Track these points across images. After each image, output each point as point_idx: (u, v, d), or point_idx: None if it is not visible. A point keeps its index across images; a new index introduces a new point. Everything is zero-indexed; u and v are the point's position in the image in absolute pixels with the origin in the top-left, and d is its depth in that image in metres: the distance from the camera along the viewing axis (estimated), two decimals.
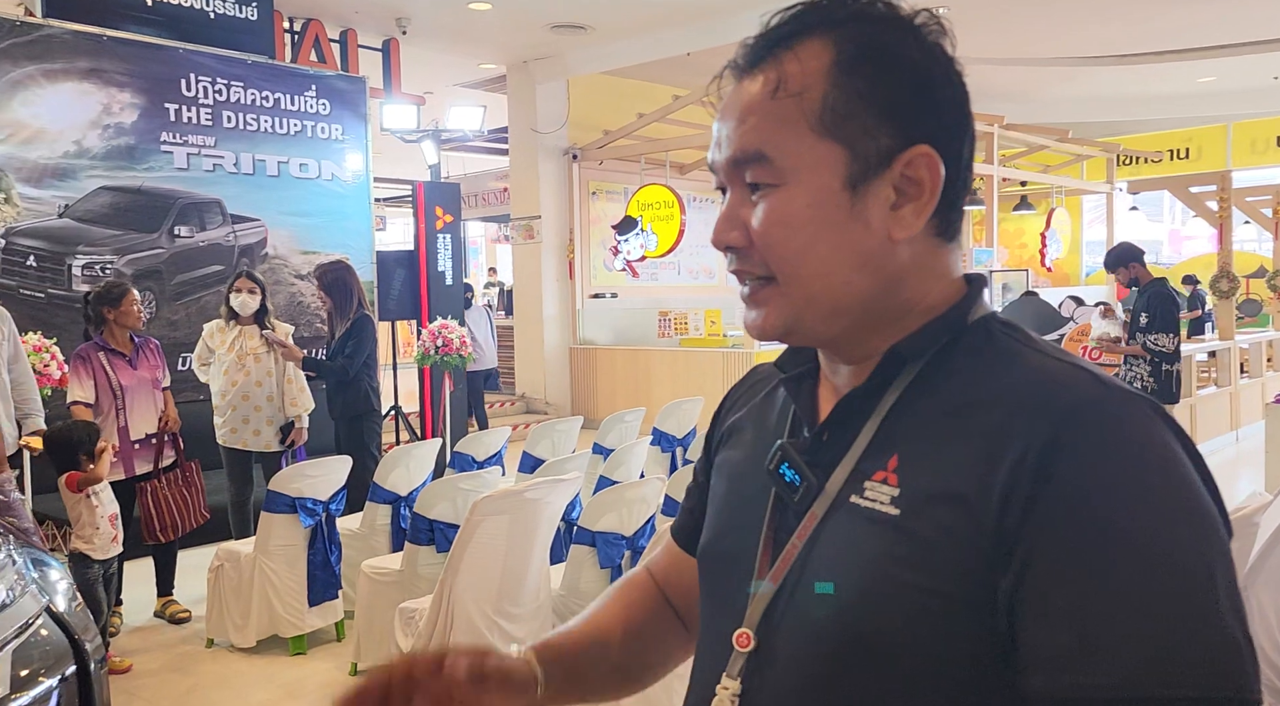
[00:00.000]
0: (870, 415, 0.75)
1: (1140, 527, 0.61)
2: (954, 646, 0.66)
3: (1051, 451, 0.63)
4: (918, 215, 0.74)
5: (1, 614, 1.53)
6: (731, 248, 0.76)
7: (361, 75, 7.62)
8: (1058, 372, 0.69)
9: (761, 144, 0.73)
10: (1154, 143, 13.81)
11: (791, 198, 0.73)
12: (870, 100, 0.72)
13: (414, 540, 3.51)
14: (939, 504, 0.67)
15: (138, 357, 4.29)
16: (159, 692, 3.56)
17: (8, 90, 5.66)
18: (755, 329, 0.78)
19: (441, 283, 7.41)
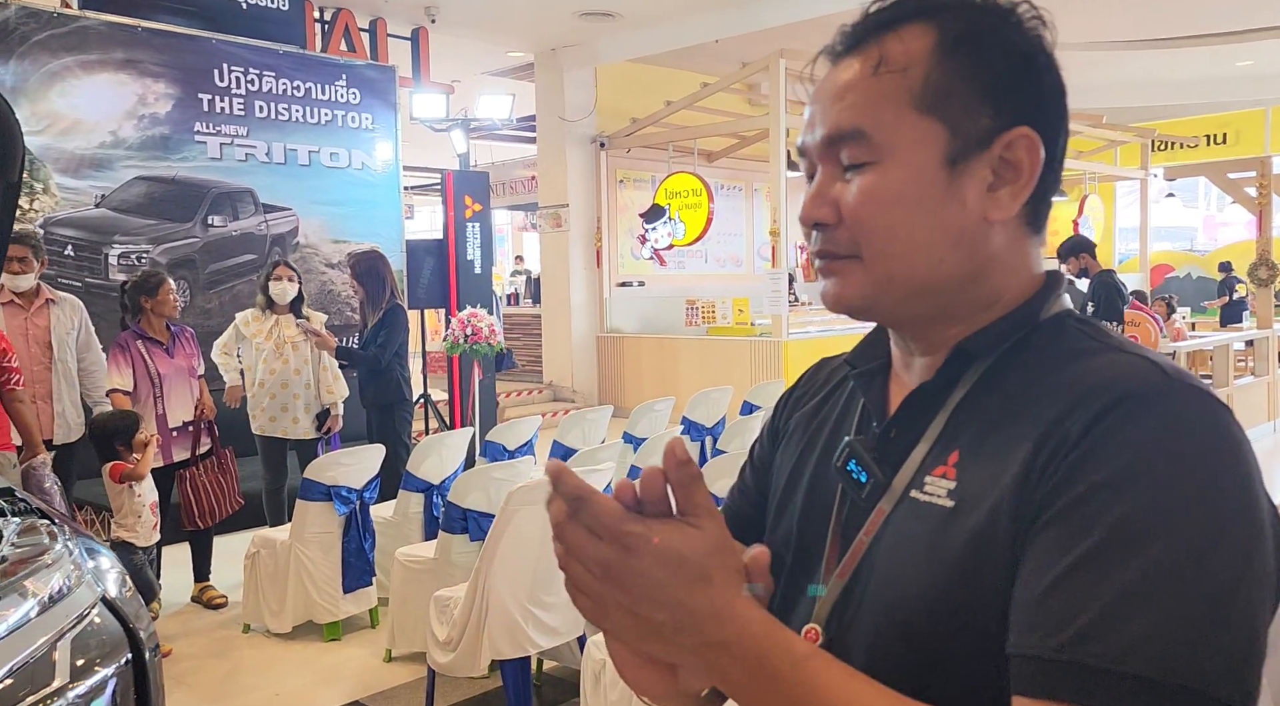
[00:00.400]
0: (938, 411, 0.75)
1: (1166, 511, 0.60)
2: (999, 634, 0.65)
3: (1091, 425, 0.64)
4: (1014, 198, 0.74)
5: (59, 604, 1.55)
6: (820, 224, 0.76)
7: (391, 64, 7.64)
8: (1123, 364, 0.68)
9: (859, 121, 0.73)
10: (1190, 128, 13.54)
11: (888, 174, 0.73)
12: (973, 79, 0.72)
13: (448, 529, 3.53)
14: (991, 493, 0.68)
15: (174, 346, 4.34)
16: (197, 677, 3.62)
17: (45, 81, 5.73)
18: (831, 299, 0.77)
19: (470, 271, 7.43)
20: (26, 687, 1.40)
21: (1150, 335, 6.87)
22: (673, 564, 0.61)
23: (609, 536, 0.61)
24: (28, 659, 1.43)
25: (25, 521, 1.89)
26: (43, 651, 1.46)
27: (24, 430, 3.64)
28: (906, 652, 0.69)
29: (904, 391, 0.80)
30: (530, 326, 11.40)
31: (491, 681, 3.36)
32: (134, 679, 1.58)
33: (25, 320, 4.20)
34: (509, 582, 2.97)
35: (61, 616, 1.54)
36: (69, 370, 4.27)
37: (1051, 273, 0.79)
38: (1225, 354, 7.76)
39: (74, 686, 1.45)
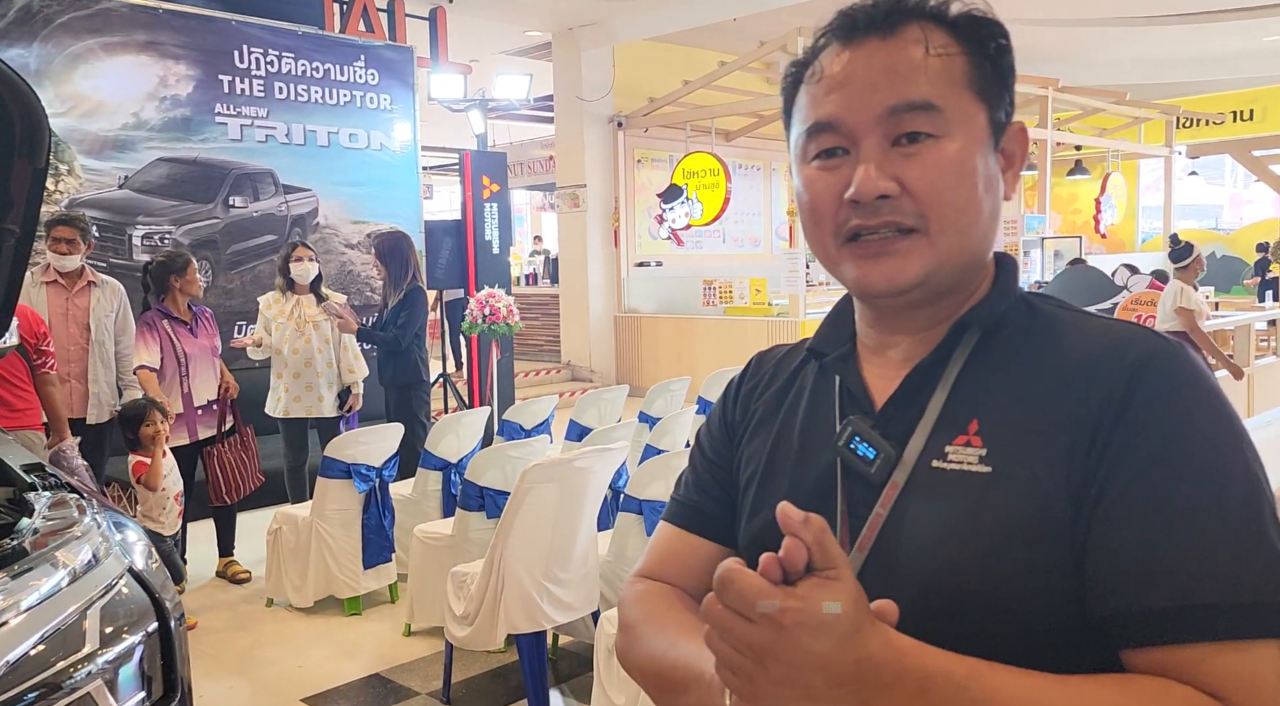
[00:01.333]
0: (936, 386, 0.79)
1: (1199, 456, 0.69)
2: (1049, 594, 0.70)
3: (1127, 393, 0.71)
4: (1013, 182, 0.82)
5: (88, 574, 1.61)
6: (884, 196, 0.75)
7: (409, 45, 7.65)
8: (1118, 330, 0.76)
9: (930, 95, 0.76)
10: (1216, 104, 13.33)
11: (961, 148, 0.76)
12: (997, 74, 0.79)
13: (465, 506, 3.59)
14: (1033, 458, 0.72)
15: (197, 326, 4.41)
16: (222, 648, 3.71)
17: (69, 63, 5.79)
18: (885, 280, 0.77)
19: (488, 251, 7.47)
20: (58, 653, 1.46)
21: None
22: (823, 628, 0.60)
23: (756, 614, 0.60)
24: (59, 626, 1.49)
25: (55, 496, 1.96)
26: (73, 619, 1.52)
27: (52, 414, 3.72)
28: (959, 614, 0.71)
29: (883, 371, 0.83)
30: (548, 306, 11.45)
31: (508, 655, 3.43)
32: (160, 646, 1.64)
33: (67, 300, 4.27)
34: (524, 559, 3.03)
35: (91, 586, 1.60)
36: (105, 352, 4.34)
37: (1001, 254, 0.85)
38: (1247, 334, 7.69)
39: (103, 652, 1.51)
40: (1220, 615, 0.65)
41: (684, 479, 0.98)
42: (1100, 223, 12.16)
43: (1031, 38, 10.91)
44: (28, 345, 3.62)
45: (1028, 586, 0.70)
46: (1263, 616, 0.65)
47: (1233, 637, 0.65)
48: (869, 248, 0.77)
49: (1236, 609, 0.65)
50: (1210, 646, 0.65)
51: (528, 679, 3.08)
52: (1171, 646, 0.66)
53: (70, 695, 1.44)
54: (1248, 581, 0.65)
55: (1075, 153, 12.88)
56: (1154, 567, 0.67)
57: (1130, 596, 0.67)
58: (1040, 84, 10.36)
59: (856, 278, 0.79)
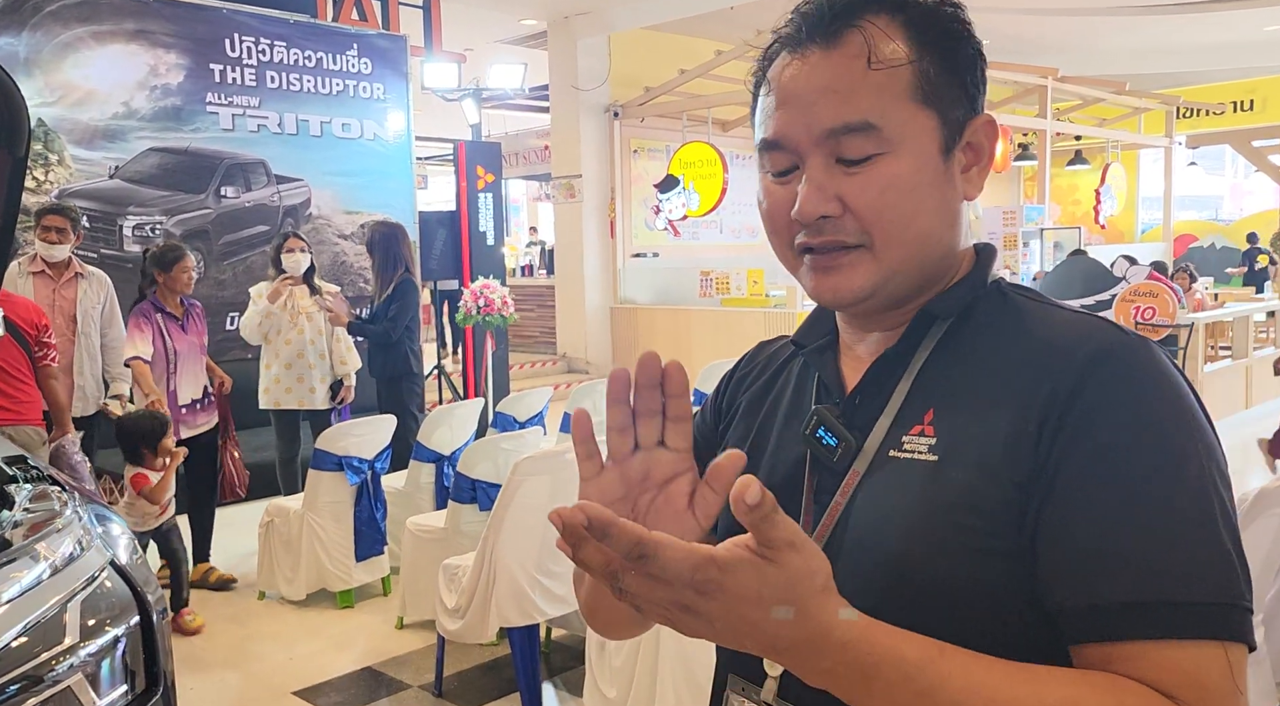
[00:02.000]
0: (902, 376, 0.80)
1: (1152, 451, 0.68)
2: (997, 581, 0.70)
3: (1079, 387, 0.70)
4: (980, 176, 0.81)
5: (69, 567, 1.60)
6: (825, 216, 0.76)
7: (402, 34, 7.60)
8: (1080, 323, 0.75)
9: (867, 114, 0.75)
10: (1216, 94, 13.29)
11: (901, 164, 0.76)
12: (951, 71, 0.78)
13: (457, 498, 3.57)
14: (977, 447, 0.72)
15: (187, 322, 4.32)
16: (214, 642, 3.69)
17: (58, 52, 5.74)
18: (832, 293, 0.79)
19: (483, 242, 7.44)
20: (39, 645, 1.44)
21: (1168, 306, 6.80)
22: (751, 602, 0.59)
23: (682, 584, 0.58)
24: (40, 618, 1.47)
25: (37, 488, 1.93)
26: (54, 611, 1.50)
27: (55, 407, 3.68)
28: (910, 601, 0.71)
29: (857, 363, 0.84)
30: (544, 298, 11.42)
31: (500, 649, 3.41)
32: (142, 640, 1.62)
33: (53, 291, 4.23)
34: (516, 551, 3.01)
35: (72, 578, 1.58)
36: (91, 344, 4.30)
37: (982, 245, 0.85)
38: (1245, 325, 7.68)
39: (84, 645, 1.49)
40: (1170, 613, 0.64)
41: None
42: (1100, 213, 12.13)
43: (1031, 27, 10.86)
44: (29, 337, 3.58)
45: (975, 573, 0.70)
46: (1211, 616, 0.65)
47: (1181, 636, 0.64)
48: (819, 262, 0.79)
49: (1186, 608, 0.64)
50: (1158, 644, 0.65)
51: (520, 671, 3.06)
52: (1119, 642, 0.65)
53: (51, 687, 1.43)
54: (1198, 580, 0.65)
55: (1075, 143, 12.84)
56: (1103, 562, 0.66)
57: (1079, 590, 0.67)
58: (1040, 74, 10.32)
59: (810, 289, 0.81)
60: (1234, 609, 0.65)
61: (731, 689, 0.83)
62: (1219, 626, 0.64)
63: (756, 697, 0.80)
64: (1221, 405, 7.18)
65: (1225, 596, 0.65)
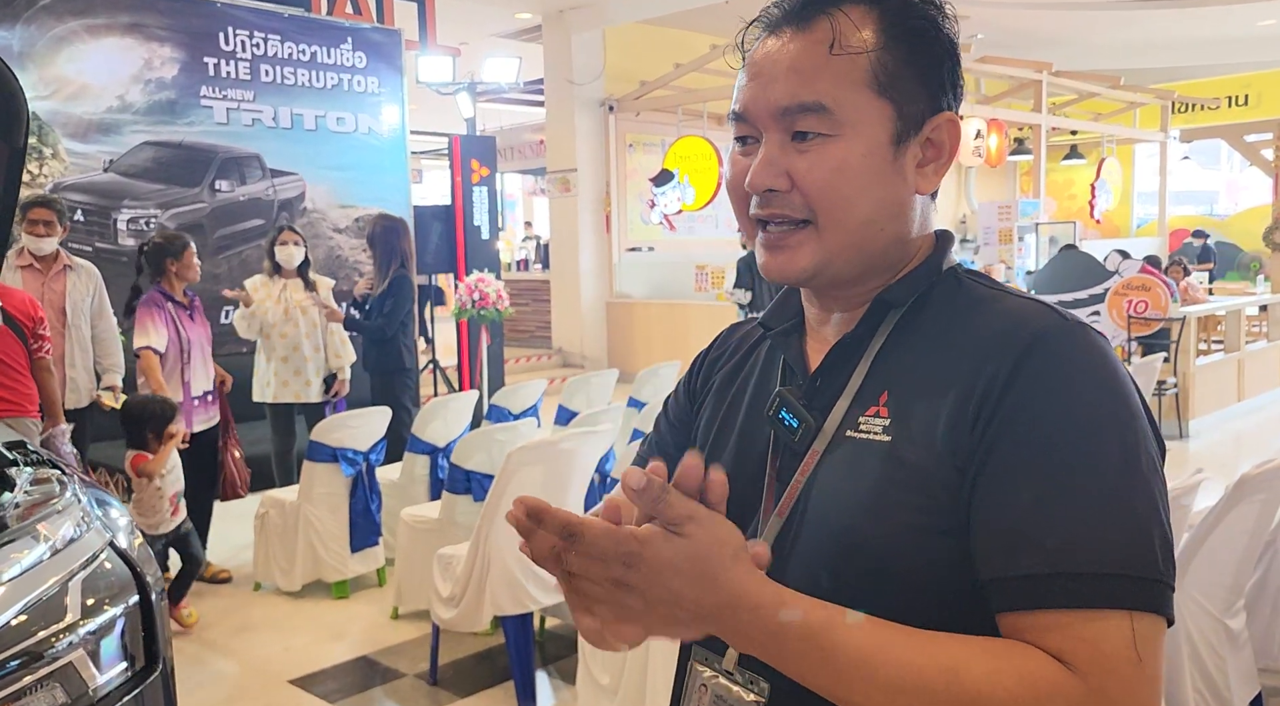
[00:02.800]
0: (860, 359, 0.83)
1: (1076, 433, 0.70)
2: (942, 559, 0.73)
3: (1015, 370, 0.73)
4: (937, 174, 0.83)
5: (70, 547, 1.62)
6: (772, 190, 0.80)
7: (397, 27, 7.60)
8: (1025, 308, 0.78)
9: (821, 96, 0.78)
10: (1211, 89, 13.32)
11: (849, 148, 0.78)
12: (914, 66, 0.80)
13: (451, 489, 3.59)
14: (925, 429, 0.75)
15: (194, 311, 4.27)
16: (210, 632, 3.71)
17: (52, 46, 5.74)
18: (778, 270, 0.82)
19: (478, 236, 7.45)
20: (40, 623, 1.47)
21: (1160, 299, 6.83)
22: (669, 571, 0.65)
23: (610, 558, 0.65)
24: (40, 597, 1.50)
25: (38, 471, 1.95)
26: (54, 591, 1.53)
27: (48, 399, 3.69)
28: (863, 578, 0.74)
29: (822, 346, 0.87)
30: (539, 292, 11.43)
31: (495, 637, 3.44)
32: (141, 619, 1.65)
33: (43, 285, 4.23)
34: (510, 541, 3.02)
35: (72, 559, 1.61)
36: (82, 337, 4.29)
37: (941, 231, 0.88)
38: (1237, 319, 7.71)
39: (84, 623, 1.52)
40: (1076, 584, 0.67)
41: (648, 439, 1.04)
42: (1095, 208, 12.16)
43: (1026, 21, 10.88)
44: (26, 330, 3.60)
45: (922, 551, 0.74)
46: (1118, 588, 0.67)
47: (1086, 606, 0.67)
48: (769, 239, 0.83)
49: (1092, 578, 0.67)
50: (1064, 613, 0.67)
51: (514, 660, 3.08)
52: (1030, 611, 0.68)
53: (52, 664, 1.45)
54: (1108, 554, 0.68)
55: (1070, 138, 12.88)
56: (1022, 538, 0.69)
57: (999, 564, 0.70)
58: (1035, 68, 10.34)
59: (760, 264, 0.85)
60: (1144, 582, 0.67)
61: (695, 659, 0.86)
62: (1124, 597, 0.67)
63: (718, 666, 0.83)
64: (1213, 398, 7.22)
65: (1135, 569, 0.67)
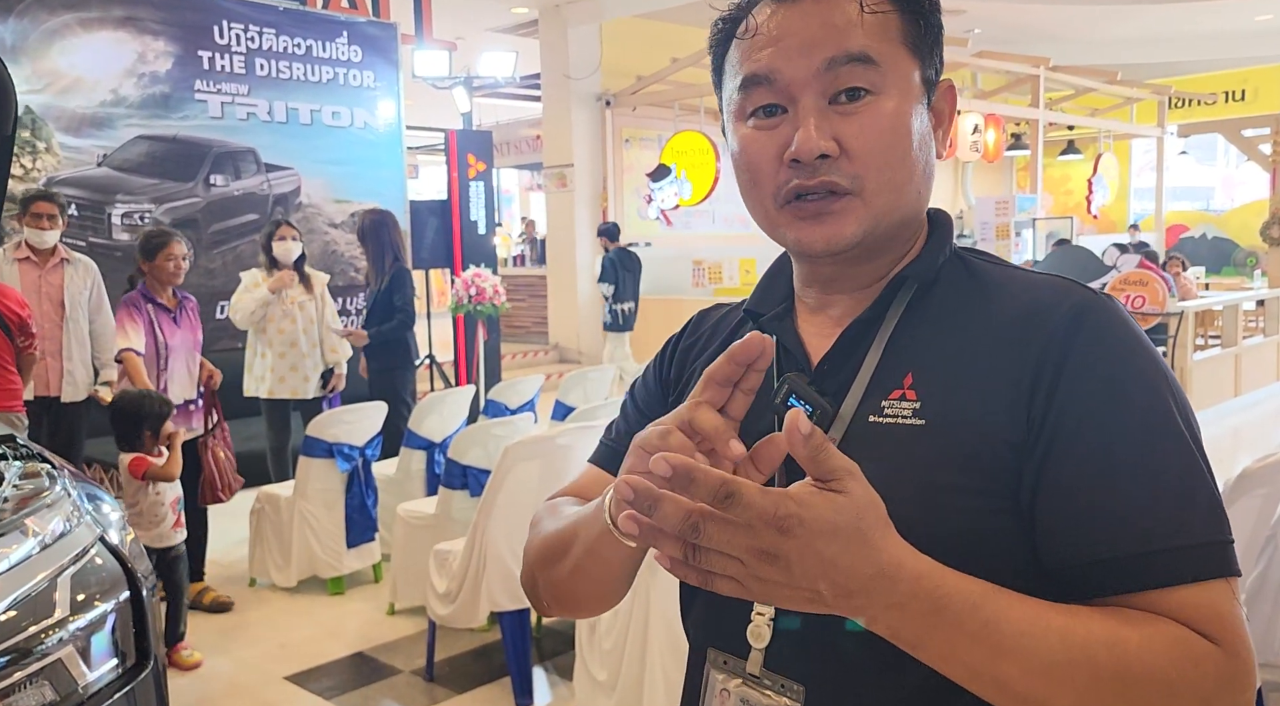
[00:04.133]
0: (872, 341, 0.79)
1: (1138, 406, 0.70)
2: (991, 538, 0.71)
3: (1065, 345, 0.72)
4: (945, 140, 0.82)
5: (59, 542, 1.61)
6: (824, 155, 0.75)
7: (393, 21, 7.56)
8: (1050, 283, 0.77)
9: (866, 47, 0.75)
10: (1208, 84, 13.32)
11: (897, 105, 0.76)
12: (927, 32, 0.79)
13: (448, 485, 3.57)
14: (968, 410, 0.73)
15: (181, 315, 4.00)
16: (205, 629, 3.69)
17: (45, 39, 5.71)
18: (824, 241, 0.77)
19: (474, 231, 7.42)
20: (28, 619, 1.45)
21: (1158, 294, 6.82)
22: (828, 535, 0.59)
23: (763, 523, 0.58)
24: (30, 592, 1.48)
25: (27, 465, 1.93)
26: (43, 586, 1.51)
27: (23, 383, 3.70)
28: None
29: (821, 328, 0.84)
30: (536, 287, 11.40)
31: (491, 633, 3.42)
32: (132, 616, 1.63)
33: (40, 278, 4.21)
34: (506, 536, 3.01)
35: (61, 554, 1.59)
36: (80, 330, 4.27)
37: (934, 210, 0.85)
38: (1234, 314, 7.71)
39: (74, 619, 1.50)
40: (1176, 558, 0.67)
41: (614, 424, 0.99)
42: (1092, 203, 12.17)
43: (1023, 16, 10.86)
44: (13, 325, 3.60)
45: (973, 530, 0.71)
46: (1212, 555, 0.68)
47: (1193, 579, 0.67)
48: (807, 209, 0.77)
49: (1192, 549, 0.67)
50: (1171, 589, 0.67)
51: (510, 656, 3.07)
52: (1135, 593, 0.68)
53: (41, 660, 1.43)
54: (1196, 522, 0.68)
55: (1067, 133, 12.87)
56: (1106, 517, 0.68)
57: (1092, 545, 0.69)
58: (1032, 63, 10.33)
59: (796, 239, 0.79)
60: (1227, 545, 0.69)
61: (712, 665, 0.82)
62: (1220, 565, 0.68)
63: (741, 671, 0.79)
64: (1210, 393, 7.22)
65: (1219, 534, 0.69)
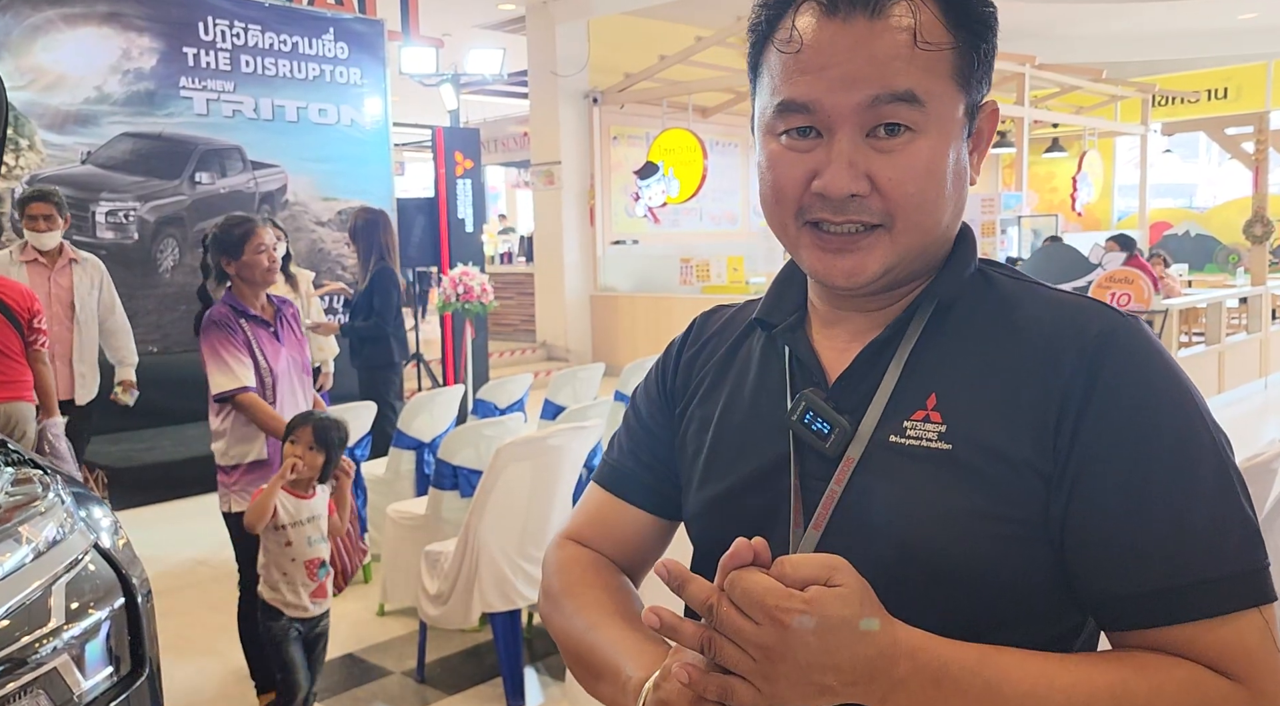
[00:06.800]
0: (891, 359, 0.78)
1: (1169, 433, 0.69)
2: (1016, 564, 0.70)
3: (1092, 372, 0.70)
4: (981, 161, 0.81)
5: (53, 550, 1.59)
6: (854, 196, 0.73)
7: (379, 18, 7.52)
8: (1075, 305, 0.76)
9: (914, 85, 0.72)
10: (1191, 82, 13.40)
11: (935, 147, 0.74)
12: (978, 57, 0.76)
13: (438, 485, 3.56)
14: (993, 436, 0.72)
15: (282, 328, 3.00)
16: (195, 630, 3.67)
17: (28, 35, 5.65)
18: (846, 275, 0.76)
19: (462, 229, 7.40)
20: (23, 628, 1.44)
21: (1143, 292, 6.88)
22: (832, 629, 0.61)
23: (764, 616, 0.61)
24: (24, 601, 1.47)
25: (19, 472, 1.92)
26: (38, 594, 1.49)
27: (43, 391, 3.70)
28: (929, 588, 0.71)
29: (834, 342, 0.82)
30: (523, 285, 11.38)
31: (483, 634, 3.42)
32: (127, 622, 1.62)
33: (48, 279, 4.17)
34: (498, 537, 3.01)
35: (55, 561, 1.57)
36: (89, 332, 4.23)
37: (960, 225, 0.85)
38: (1218, 311, 7.78)
39: (69, 627, 1.49)
40: (1205, 592, 0.67)
41: (617, 440, 0.96)
42: (1077, 201, 12.24)
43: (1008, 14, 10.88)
44: (21, 319, 3.63)
45: (1001, 557, 0.71)
46: (1243, 586, 0.67)
47: (1219, 613, 0.66)
48: (831, 242, 0.76)
49: (1219, 583, 0.66)
50: (1199, 624, 0.66)
51: (502, 657, 3.07)
52: (1162, 627, 0.67)
53: (36, 670, 1.42)
54: (1229, 552, 0.67)
55: (1052, 131, 12.93)
56: (1138, 549, 0.68)
57: (1117, 579, 0.68)
58: (1018, 61, 10.37)
59: (815, 269, 0.78)
60: (1260, 573, 0.67)
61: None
62: (1252, 595, 0.66)
63: None
64: None
65: (1252, 563, 0.67)
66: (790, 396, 0.81)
